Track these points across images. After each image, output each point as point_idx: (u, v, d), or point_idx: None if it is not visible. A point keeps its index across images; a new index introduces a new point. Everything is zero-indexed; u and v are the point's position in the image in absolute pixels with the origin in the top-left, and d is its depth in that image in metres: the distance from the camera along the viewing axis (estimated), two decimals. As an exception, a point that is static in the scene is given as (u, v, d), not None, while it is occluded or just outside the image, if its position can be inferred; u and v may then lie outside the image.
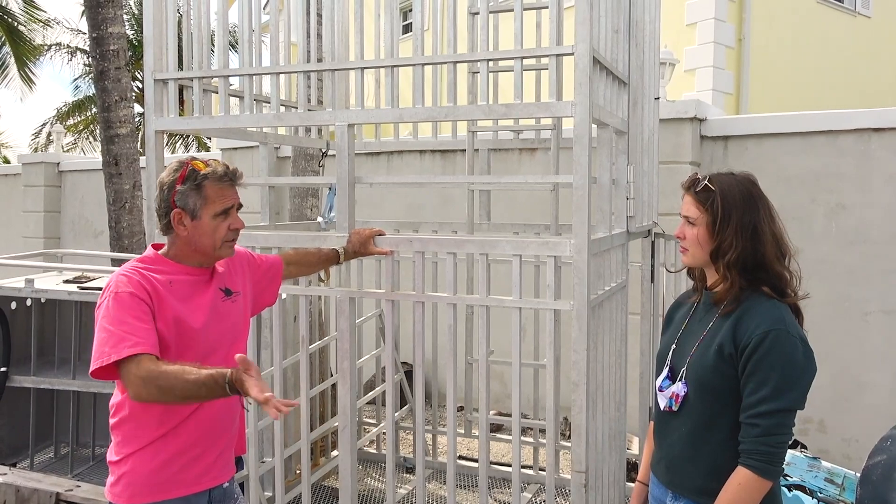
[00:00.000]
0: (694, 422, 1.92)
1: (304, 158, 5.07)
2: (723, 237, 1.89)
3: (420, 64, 2.80)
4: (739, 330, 1.85)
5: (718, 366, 1.86)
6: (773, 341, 1.78)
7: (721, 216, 1.89)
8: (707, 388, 1.89)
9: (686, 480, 1.96)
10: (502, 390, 5.99)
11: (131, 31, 16.91)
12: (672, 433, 1.98)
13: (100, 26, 6.11)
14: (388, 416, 3.12)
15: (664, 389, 1.99)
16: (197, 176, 2.03)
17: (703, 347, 1.92)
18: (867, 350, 4.84)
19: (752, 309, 1.87)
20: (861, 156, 4.84)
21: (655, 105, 3.68)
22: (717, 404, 1.88)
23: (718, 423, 1.88)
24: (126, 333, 1.86)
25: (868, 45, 12.95)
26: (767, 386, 1.78)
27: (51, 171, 9.86)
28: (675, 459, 1.98)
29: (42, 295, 4.26)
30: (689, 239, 1.96)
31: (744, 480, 1.80)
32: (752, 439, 1.79)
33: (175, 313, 1.99)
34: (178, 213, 2.04)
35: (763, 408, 1.78)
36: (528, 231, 4.32)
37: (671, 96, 6.62)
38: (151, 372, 1.81)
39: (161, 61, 3.14)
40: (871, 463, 2.47)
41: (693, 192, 1.95)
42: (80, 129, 20.24)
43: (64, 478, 3.79)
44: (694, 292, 2.10)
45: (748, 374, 1.81)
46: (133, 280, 1.96)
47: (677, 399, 1.94)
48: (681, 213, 2.00)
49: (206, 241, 2.07)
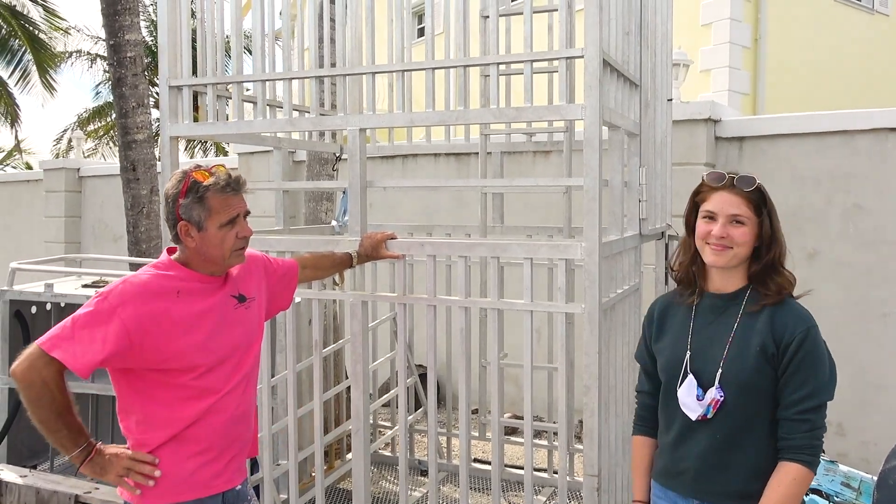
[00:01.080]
0: (730, 426, 1.90)
1: (318, 162, 5.10)
2: (772, 237, 1.94)
3: (432, 68, 2.81)
4: (777, 328, 1.88)
5: (761, 366, 1.87)
6: (814, 338, 1.86)
7: (771, 217, 1.94)
8: (749, 390, 1.88)
9: (720, 486, 1.92)
10: (516, 393, 5.98)
11: (150, 37, 17.08)
12: (701, 441, 1.93)
13: (117, 34, 6.18)
14: (401, 419, 3.13)
15: (701, 399, 1.92)
16: (199, 188, 2.01)
17: (738, 349, 1.90)
18: (886, 351, 4.78)
19: (784, 307, 1.91)
20: (877, 156, 4.80)
21: (668, 106, 3.66)
22: (757, 405, 1.88)
23: (756, 424, 1.89)
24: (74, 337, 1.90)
25: (885, 44, 12.81)
26: (812, 382, 1.84)
27: (71, 176, 9.98)
28: (707, 467, 1.93)
29: (61, 299, 4.31)
30: (738, 238, 1.91)
31: (798, 475, 1.83)
32: (802, 434, 1.83)
33: (175, 327, 1.98)
34: (184, 226, 2.03)
35: (810, 403, 1.84)
36: (541, 234, 4.32)
37: (687, 97, 6.58)
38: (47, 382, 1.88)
39: (176, 68, 3.17)
40: (888, 467, 2.44)
41: (742, 192, 1.91)
42: (101, 134, 20.45)
43: (83, 479, 3.83)
44: (682, 295, 2.06)
45: (792, 372, 1.85)
46: (126, 297, 1.94)
47: (716, 405, 1.90)
48: (719, 212, 1.92)
49: (214, 252, 2.06)
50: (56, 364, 1.88)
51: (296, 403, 3.32)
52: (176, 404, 2.03)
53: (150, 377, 2.01)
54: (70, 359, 1.88)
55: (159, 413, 2.02)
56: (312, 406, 3.43)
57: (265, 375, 3.28)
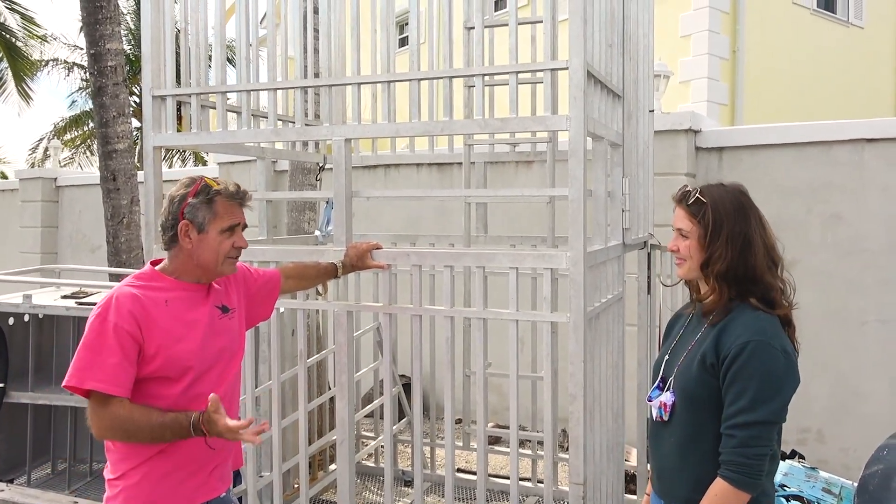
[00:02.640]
0: (682, 432, 1.93)
1: (301, 172, 5.09)
2: (713, 248, 1.91)
3: (417, 79, 2.82)
4: (722, 340, 1.86)
5: (702, 376, 1.88)
6: (751, 352, 1.79)
7: (712, 228, 1.91)
8: (692, 399, 1.90)
9: (675, 490, 1.98)
10: (500, 402, 5.99)
11: (129, 46, 16.97)
12: (664, 443, 2.00)
13: (98, 43, 6.14)
14: (386, 429, 3.12)
15: (653, 399, 2.01)
16: (210, 191, 2.08)
17: (689, 358, 1.94)
18: (865, 359, 4.85)
19: (735, 320, 1.88)
20: (855, 166, 4.88)
21: (650, 117, 3.70)
22: (702, 415, 1.89)
23: (703, 434, 1.89)
24: (96, 365, 1.91)
25: (861, 55, 13.04)
26: (745, 397, 1.78)
27: (48, 186, 9.87)
28: (666, 470, 2.00)
29: (40, 310, 4.25)
30: (683, 251, 1.99)
31: (720, 492, 1.80)
32: (729, 450, 1.80)
33: (169, 334, 2.01)
34: (185, 225, 2.06)
35: (740, 419, 1.79)
36: (525, 243, 4.34)
37: (666, 108, 6.66)
38: (118, 418, 1.91)
39: (159, 78, 3.16)
40: (867, 472, 2.47)
41: (685, 205, 1.97)
42: (78, 144, 20.26)
43: (62, 494, 3.79)
44: (691, 304, 2.11)
45: (727, 385, 1.82)
46: (123, 310, 1.96)
47: (666, 408, 1.95)
48: (673, 225, 2.02)
49: (209, 257, 2.09)
50: (105, 400, 1.91)
51: (280, 414, 3.30)
52: None
53: (144, 389, 2.00)
54: (107, 386, 1.91)
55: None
56: (296, 417, 3.41)
57: (249, 386, 3.25)
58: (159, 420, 1.93)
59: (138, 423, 1.92)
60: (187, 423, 1.92)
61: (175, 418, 1.93)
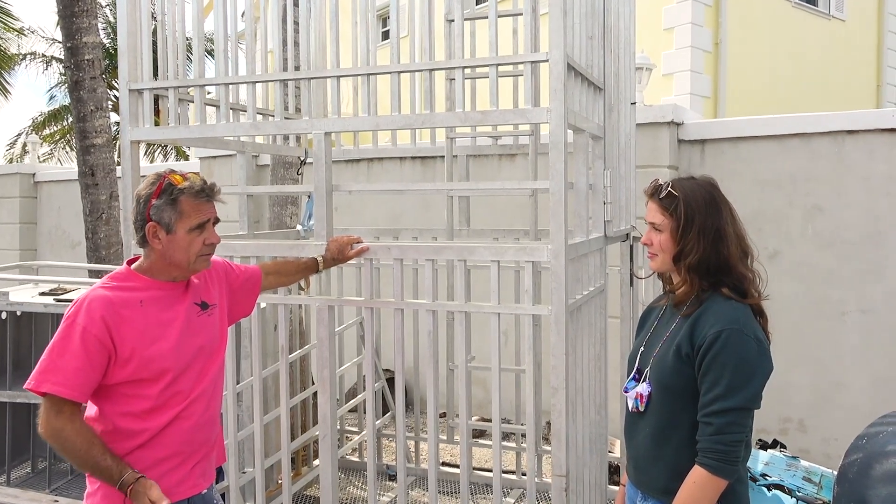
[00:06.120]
0: (657, 422, 1.95)
1: (282, 167, 5.05)
2: (686, 241, 1.93)
3: (397, 72, 2.80)
4: (696, 330, 1.88)
5: (677, 366, 1.90)
6: (725, 341, 1.81)
7: (685, 220, 1.93)
8: (668, 389, 1.92)
9: (652, 480, 2.00)
10: (484, 396, 5.99)
11: (107, 39, 16.78)
12: (639, 434, 2.02)
13: (74, 36, 6.06)
14: (369, 424, 3.11)
15: (629, 391, 2.03)
16: (173, 190, 2.01)
17: (665, 348, 1.96)
18: (845, 350, 4.89)
19: (708, 310, 1.90)
20: (835, 158, 4.91)
21: (632, 110, 3.70)
22: (678, 404, 1.91)
23: (679, 423, 1.91)
24: (57, 368, 1.90)
25: (841, 48, 13.15)
26: (720, 385, 1.81)
27: (26, 182, 9.76)
28: (642, 460, 2.02)
29: (18, 308, 4.20)
30: (656, 245, 2.01)
31: (699, 479, 1.82)
32: (706, 438, 1.83)
33: (144, 335, 1.98)
34: (152, 227, 2.02)
35: (716, 406, 1.81)
36: (507, 236, 4.33)
37: (650, 101, 6.68)
38: (61, 432, 1.90)
39: (136, 71, 3.12)
40: (847, 461, 2.50)
41: (657, 199, 1.99)
42: (57, 139, 20.02)
43: (42, 493, 3.75)
44: (664, 296, 2.13)
45: (702, 374, 1.85)
46: (95, 315, 1.93)
47: (642, 399, 1.98)
48: (646, 219, 2.03)
49: (180, 256, 2.05)
50: (58, 404, 1.89)
51: (262, 410, 3.28)
52: (145, 415, 2.01)
53: (122, 390, 1.99)
54: (62, 390, 1.88)
55: (128, 424, 2.00)
56: (278, 412, 3.39)
57: (230, 382, 3.23)
58: (94, 460, 1.90)
59: (76, 449, 1.90)
60: (117, 478, 1.89)
61: (108, 468, 1.90)
